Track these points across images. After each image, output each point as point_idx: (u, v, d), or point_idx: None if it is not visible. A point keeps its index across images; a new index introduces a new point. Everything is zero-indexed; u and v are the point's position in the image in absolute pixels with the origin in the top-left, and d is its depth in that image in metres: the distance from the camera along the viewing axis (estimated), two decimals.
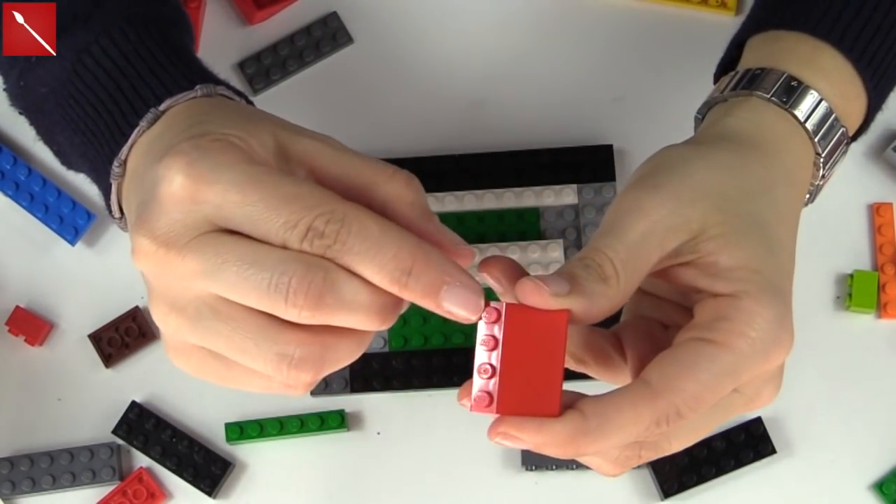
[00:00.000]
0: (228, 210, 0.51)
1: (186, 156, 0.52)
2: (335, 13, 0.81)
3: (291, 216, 0.50)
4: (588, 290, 0.53)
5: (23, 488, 0.75)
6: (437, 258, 0.52)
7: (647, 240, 0.54)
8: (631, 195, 0.55)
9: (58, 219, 0.78)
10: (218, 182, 0.51)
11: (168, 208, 0.52)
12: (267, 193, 0.51)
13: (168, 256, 0.52)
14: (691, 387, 0.53)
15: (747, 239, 0.55)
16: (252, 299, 0.51)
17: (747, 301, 0.54)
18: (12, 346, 0.77)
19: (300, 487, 0.75)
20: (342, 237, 0.50)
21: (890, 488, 0.73)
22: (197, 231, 0.51)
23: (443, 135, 0.79)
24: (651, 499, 0.74)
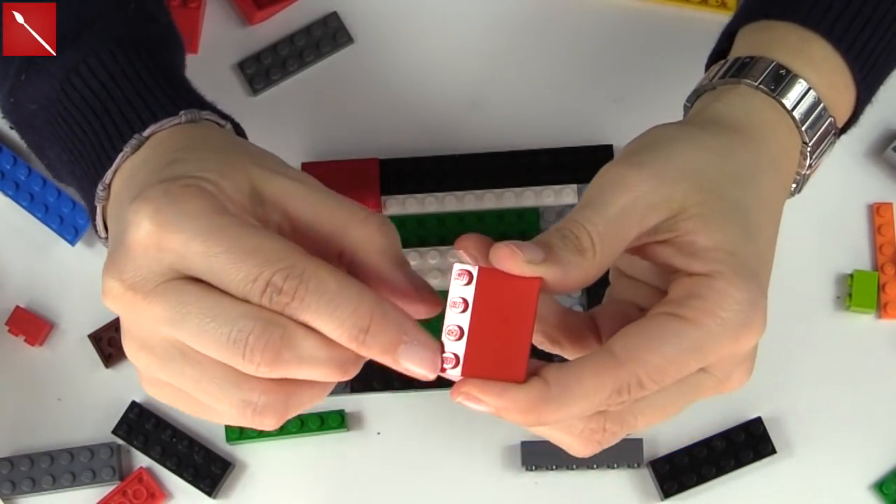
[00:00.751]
0: (191, 260, 0.51)
1: (154, 202, 0.52)
2: (335, 13, 0.81)
3: (252, 270, 0.51)
4: (563, 260, 0.53)
5: (23, 488, 0.75)
6: (394, 317, 0.52)
7: (627, 215, 0.54)
8: (614, 170, 0.56)
9: (58, 219, 0.78)
10: (182, 231, 0.51)
11: (135, 254, 0.52)
12: (229, 246, 0.51)
13: (135, 300, 0.52)
14: (654, 359, 0.53)
15: (727, 222, 0.55)
16: (212, 351, 0.52)
17: (721, 282, 0.54)
18: (12, 346, 0.77)
19: (300, 487, 0.75)
20: (300, 294, 0.51)
21: (890, 488, 0.73)
22: (162, 277, 0.52)
23: (443, 135, 0.79)
24: (651, 499, 0.74)
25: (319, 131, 0.80)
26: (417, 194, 0.77)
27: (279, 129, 0.78)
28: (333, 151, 0.79)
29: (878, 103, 0.78)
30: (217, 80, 0.80)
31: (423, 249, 0.76)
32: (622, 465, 0.74)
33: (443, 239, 0.76)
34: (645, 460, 0.74)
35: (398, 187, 0.77)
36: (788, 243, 0.76)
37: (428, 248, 0.76)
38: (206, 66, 0.78)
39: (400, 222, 0.77)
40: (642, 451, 0.74)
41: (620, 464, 0.74)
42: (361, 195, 0.77)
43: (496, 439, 0.75)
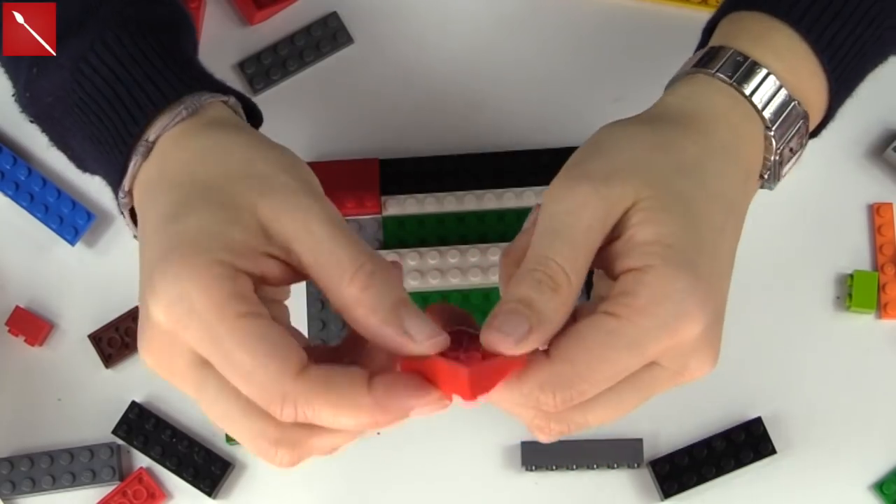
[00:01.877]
0: (204, 354, 0.54)
1: (166, 296, 0.53)
2: (335, 13, 0.81)
3: (251, 392, 0.53)
4: (546, 317, 0.54)
5: (23, 488, 0.75)
6: (396, 403, 0.53)
7: (591, 231, 0.55)
8: (566, 188, 0.56)
9: (58, 219, 0.78)
10: (188, 330, 0.53)
11: (159, 337, 0.54)
12: (225, 361, 0.53)
13: (166, 376, 0.56)
14: (583, 357, 0.54)
15: (666, 214, 0.56)
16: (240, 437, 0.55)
17: (652, 275, 0.54)
18: (12, 346, 0.77)
19: (300, 487, 0.75)
20: (300, 416, 0.53)
21: (890, 488, 0.73)
22: (186, 360, 0.54)
23: (443, 135, 0.79)
24: (651, 499, 0.74)
25: (319, 131, 0.80)
26: (417, 194, 0.77)
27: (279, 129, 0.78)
28: (333, 151, 0.79)
29: (878, 103, 0.78)
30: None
31: (423, 249, 0.76)
32: (622, 465, 0.74)
33: (443, 239, 0.76)
34: (645, 460, 0.74)
35: (398, 187, 0.77)
36: (789, 243, 0.77)
37: (428, 249, 0.76)
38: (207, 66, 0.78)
39: (400, 222, 0.77)
40: (642, 451, 0.74)
41: (620, 464, 0.74)
42: (361, 195, 0.77)
43: (496, 439, 0.75)
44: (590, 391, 0.55)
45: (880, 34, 0.64)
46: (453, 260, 0.75)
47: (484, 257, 0.75)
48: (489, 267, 0.75)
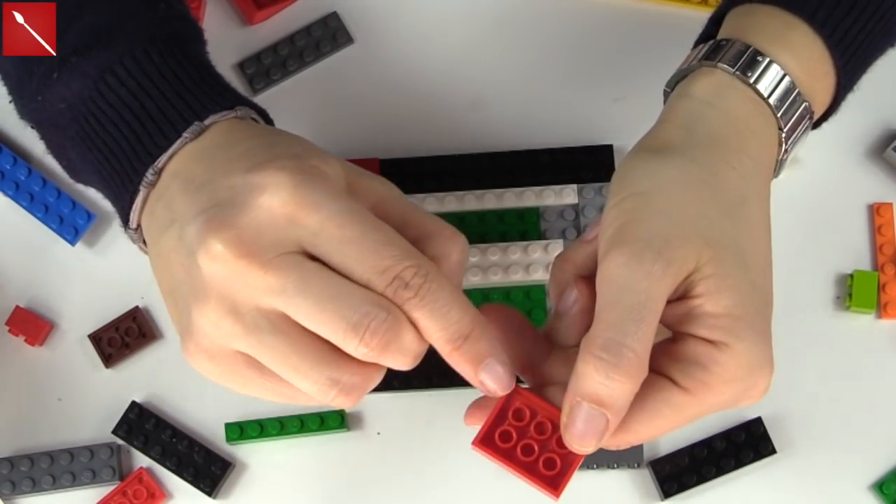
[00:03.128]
0: (323, 240, 0.54)
1: (294, 176, 0.54)
2: (335, 13, 0.81)
3: (383, 262, 0.54)
4: (620, 405, 0.55)
5: (23, 488, 0.75)
6: (489, 334, 0.56)
7: (654, 310, 0.54)
8: (629, 262, 0.54)
9: (58, 219, 0.78)
10: (321, 210, 0.54)
11: (261, 219, 0.54)
12: (364, 233, 0.54)
13: (247, 267, 0.53)
14: (647, 429, 0.56)
15: (731, 280, 0.55)
16: (323, 329, 0.54)
17: (726, 353, 0.55)
18: (12, 346, 0.77)
19: (300, 487, 0.75)
20: (423, 292, 0.54)
21: (890, 488, 0.73)
22: (284, 249, 0.54)
23: (443, 135, 0.79)
24: (651, 499, 0.74)
25: (319, 131, 0.80)
26: (417, 194, 0.77)
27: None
28: (333, 151, 0.78)
29: (879, 103, 0.79)
30: None
31: None
32: (622, 465, 0.74)
33: None
34: (645, 460, 0.74)
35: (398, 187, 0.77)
36: (789, 243, 0.77)
37: None
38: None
39: None
40: (642, 451, 0.74)
41: (620, 464, 0.74)
42: None
43: None
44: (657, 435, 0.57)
45: (890, 28, 0.64)
46: None
47: (484, 257, 0.75)
48: (489, 266, 0.75)
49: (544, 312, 0.75)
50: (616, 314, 0.54)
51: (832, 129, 0.78)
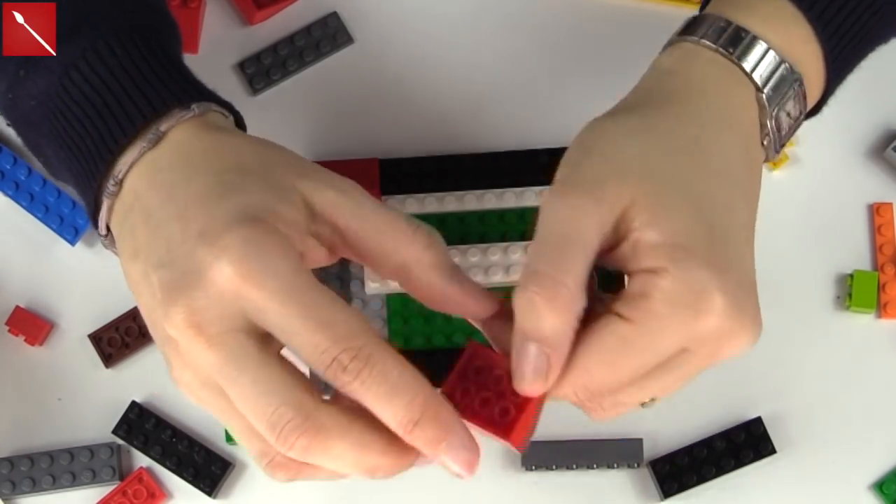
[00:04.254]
0: (266, 315, 0.53)
1: (237, 250, 0.53)
2: (335, 13, 0.81)
3: (321, 343, 0.53)
4: (558, 339, 0.55)
5: (23, 488, 0.75)
6: (445, 414, 0.54)
7: (586, 243, 0.55)
8: (559, 197, 0.56)
9: (58, 219, 0.78)
10: (264, 287, 0.53)
11: (210, 293, 0.53)
12: (304, 312, 0.53)
13: (196, 339, 0.54)
14: (598, 367, 0.55)
15: (668, 211, 0.55)
16: (249, 417, 0.54)
17: (664, 278, 0.54)
18: (12, 346, 0.77)
19: (300, 487, 0.75)
20: (363, 377, 0.53)
21: (890, 488, 0.73)
22: (230, 324, 0.54)
23: (442, 135, 0.79)
24: (651, 499, 0.74)
25: (319, 131, 0.80)
26: (417, 194, 0.77)
27: (279, 129, 0.78)
28: (333, 151, 0.79)
29: (879, 103, 0.78)
30: (217, 80, 0.79)
31: None
32: (622, 465, 0.74)
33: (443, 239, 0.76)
34: (645, 460, 0.74)
35: (398, 187, 0.77)
36: (789, 243, 0.77)
37: None
38: (206, 66, 0.78)
39: None
40: (642, 451, 0.74)
41: (620, 464, 0.74)
42: None
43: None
44: (616, 388, 0.56)
45: (878, 7, 0.63)
46: (454, 260, 0.75)
47: (485, 257, 0.75)
48: (490, 266, 0.75)
49: None
50: (543, 247, 0.55)
51: (832, 129, 0.78)
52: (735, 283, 0.55)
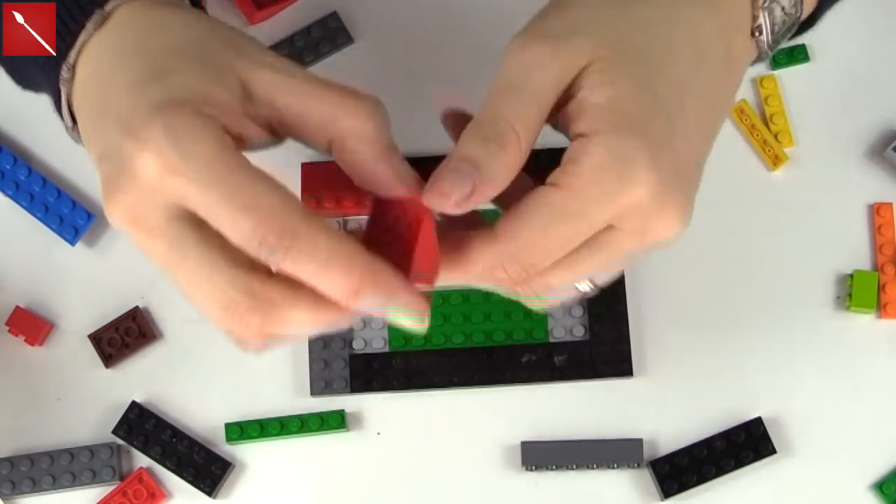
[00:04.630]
0: (191, 202, 0.52)
1: (156, 142, 0.52)
2: (335, 13, 0.81)
3: (246, 225, 0.51)
4: (491, 175, 0.54)
5: (23, 488, 0.75)
6: (384, 277, 0.53)
7: (542, 92, 0.55)
8: (521, 46, 0.56)
9: (58, 219, 0.78)
10: (184, 175, 0.52)
11: (141, 185, 0.53)
12: (227, 196, 0.52)
13: (136, 232, 0.54)
14: (525, 234, 0.54)
15: (620, 75, 0.55)
16: (199, 304, 0.54)
17: (595, 142, 0.54)
18: (12, 346, 0.77)
19: (300, 487, 0.75)
20: (293, 254, 0.52)
21: (890, 488, 0.73)
22: (167, 213, 0.53)
23: (443, 135, 0.79)
24: (651, 499, 0.74)
25: None
26: None
27: None
28: None
29: (879, 103, 0.79)
30: None
31: None
32: (622, 465, 0.74)
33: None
34: (645, 460, 0.74)
35: None
36: (789, 243, 0.77)
37: None
38: None
39: None
40: (642, 451, 0.74)
41: (620, 464, 0.74)
42: (360, 195, 0.76)
43: (496, 439, 0.75)
44: (541, 263, 0.55)
45: None
46: None
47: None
48: None
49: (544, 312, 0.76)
50: (498, 91, 0.55)
51: (832, 129, 0.78)
52: (668, 162, 0.54)
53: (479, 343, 0.75)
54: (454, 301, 0.76)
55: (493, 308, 0.76)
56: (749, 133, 0.78)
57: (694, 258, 0.77)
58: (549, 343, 0.75)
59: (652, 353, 0.75)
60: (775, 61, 0.79)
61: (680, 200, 0.55)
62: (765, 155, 0.78)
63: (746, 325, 0.76)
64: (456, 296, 0.76)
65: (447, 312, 0.76)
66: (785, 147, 0.78)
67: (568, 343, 0.75)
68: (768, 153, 0.78)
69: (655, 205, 0.54)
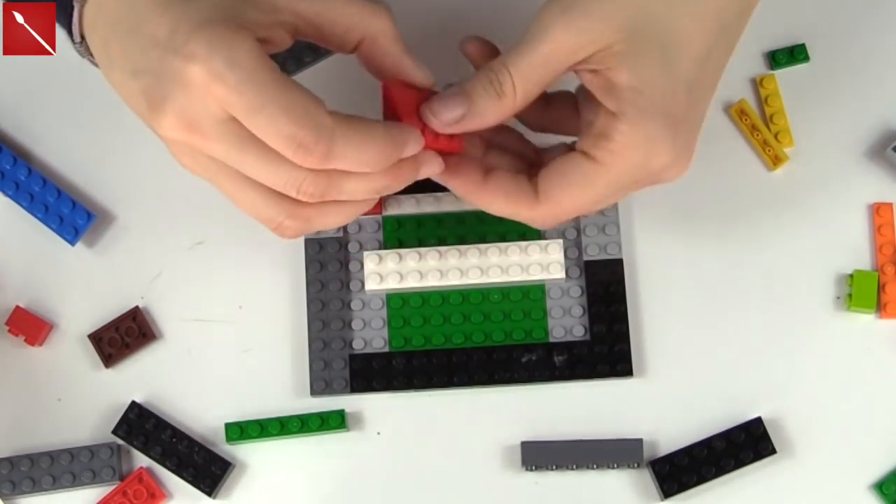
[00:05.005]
0: (235, 108, 0.58)
1: (203, 54, 0.58)
2: None
3: (285, 128, 0.59)
4: (479, 114, 0.64)
5: (23, 488, 0.75)
6: (412, 146, 0.64)
7: (552, 59, 0.63)
8: (547, 16, 0.63)
9: (58, 219, 0.78)
10: (229, 82, 0.58)
11: (190, 94, 0.58)
12: (266, 101, 0.58)
13: (192, 136, 0.60)
14: (566, 200, 0.65)
15: (644, 58, 0.62)
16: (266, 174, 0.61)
17: (625, 123, 0.62)
18: (12, 346, 0.77)
19: (300, 487, 0.75)
20: (333, 155, 0.60)
21: (890, 488, 0.73)
22: (217, 117, 0.59)
23: None
24: (651, 499, 0.74)
25: None
26: (417, 194, 0.77)
27: None
28: None
29: (879, 103, 0.79)
30: None
31: (423, 250, 0.76)
32: (622, 465, 0.74)
33: (442, 239, 0.76)
34: (645, 460, 0.74)
35: None
36: (789, 243, 0.77)
37: (427, 249, 0.76)
38: None
39: (399, 222, 0.77)
40: (642, 451, 0.74)
41: (620, 464, 0.74)
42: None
43: (496, 439, 0.75)
44: (571, 216, 0.67)
45: None
46: (453, 260, 0.75)
47: (484, 258, 0.75)
48: (489, 268, 0.75)
49: (544, 312, 0.75)
50: (514, 50, 0.63)
51: (832, 129, 0.78)
52: (685, 133, 0.64)
53: (479, 343, 0.75)
54: (454, 301, 0.76)
55: (492, 308, 0.76)
56: (749, 133, 0.78)
57: (694, 258, 0.77)
58: (548, 343, 0.75)
59: (652, 353, 0.76)
60: (775, 61, 0.79)
61: (688, 157, 0.65)
62: (765, 155, 0.78)
63: (746, 325, 0.76)
64: (456, 296, 0.76)
65: (447, 312, 0.76)
66: (785, 147, 0.78)
67: (568, 343, 0.75)
68: (768, 153, 0.78)
69: (670, 169, 0.64)
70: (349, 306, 0.76)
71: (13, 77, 0.80)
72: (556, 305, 0.76)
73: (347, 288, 0.76)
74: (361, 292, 0.76)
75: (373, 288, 0.75)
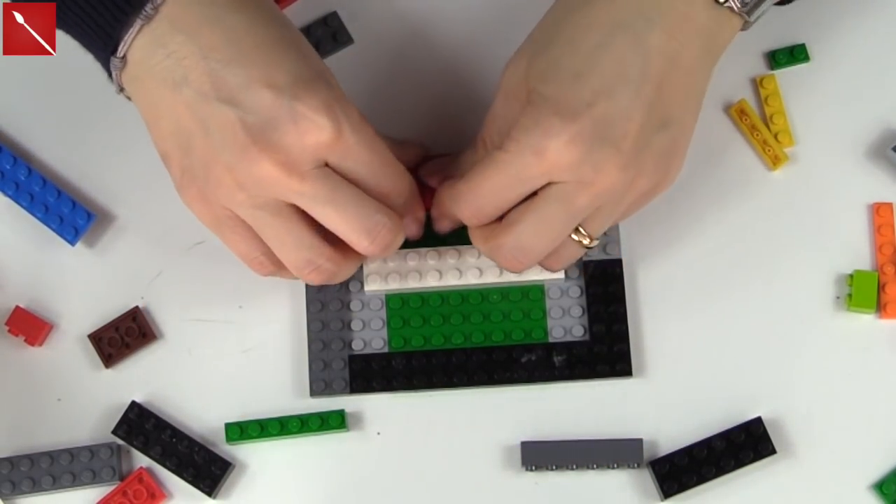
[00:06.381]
0: (352, 159, 0.65)
1: (330, 110, 0.64)
2: (335, 13, 0.81)
3: (384, 181, 0.67)
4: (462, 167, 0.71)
5: (23, 488, 0.75)
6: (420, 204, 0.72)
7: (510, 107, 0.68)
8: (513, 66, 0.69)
9: (58, 219, 0.78)
10: (353, 138, 0.64)
11: (304, 141, 0.63)
12: (378, 159, 0.66)
13: (288, 177, 0.64)
14: (485, 185, 0.67)
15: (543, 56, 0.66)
16: (341, 230, 0.66)
17: (524, 116, 0.65)
18: (12, 346, 0.77)
19: (300, 487, 0.75)
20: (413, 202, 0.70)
21: (890, 488, 0.73)
22: (315, 163, 0.64)
23: (443, 135, 0.79)
24: (651, 499, 0.74)
25: None
26: None
27: None
28: None
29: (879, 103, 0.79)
30: None
31: (423, 250, 0.76)
32: (622, 465, 0.74)
33: (442, 240, 0.76)
34: (645, 460, 0.74)
35: None
36: (789, 243, 0.77)
37: (427, 249, 0.76)
38: None
39: None
40: (642, 451, 0.74)
41: (620, 464, 0.74)
42: None
43: (496, 439, 0.75)
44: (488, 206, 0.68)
45: None
46: (452, 260, 0.75)
47: (483, 258, 0.75)
48: (488, 268, 0.75)
49: (543, 312, 0.75)
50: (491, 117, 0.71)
51: (832, 129, 0.78)
52: (586, 124, 0.64)
53: (479, 343, 0.75)
54: (453, 301, 0.76)
55: (492, 308, 0.76)
56: (749, 133, 0.78)
57: (694, 258, 0.77)
58: (548, 343, 0.75)
59: (651, 354, 0.76)
60: (775, 61, 0.79)
61: (607, 153, 0.64)
62: (765, 155, 0.78)
63: (746, 324, 0.76)
64: (455, 296, 0.76)
65: (447, 312, 0.76)
66: (785, 147, 0.78)
67: (567, 343, 0.75)
68: (768, 153, 0.78)
69: (578, 158, 0.64)
70: (348, 307, 0.76)
71: (13, 77, 0.80)
72: (556, 305, 0.76)
73: (347, 288, 0.76)
74: (361, 293, 0.76)
75: (372, 288, 0.75)
